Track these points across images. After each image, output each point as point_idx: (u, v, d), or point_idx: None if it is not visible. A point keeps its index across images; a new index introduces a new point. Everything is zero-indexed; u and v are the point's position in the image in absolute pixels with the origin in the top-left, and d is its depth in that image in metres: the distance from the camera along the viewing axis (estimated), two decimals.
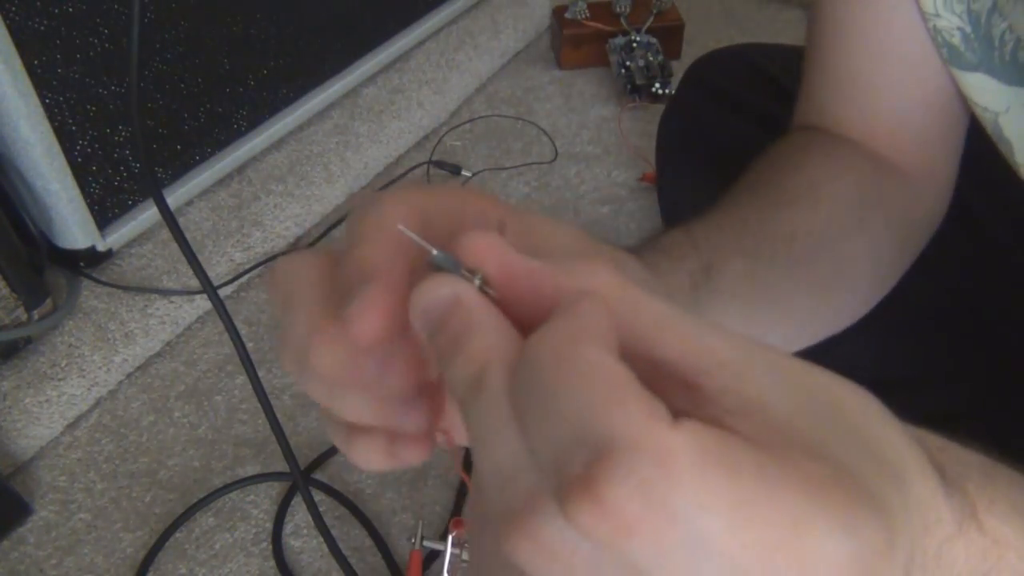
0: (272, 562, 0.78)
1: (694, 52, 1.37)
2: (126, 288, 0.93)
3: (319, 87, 1.13)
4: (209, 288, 0.58)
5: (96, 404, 0.90)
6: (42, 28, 0.80)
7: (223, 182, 1.06)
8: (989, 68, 0.48)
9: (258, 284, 1.02)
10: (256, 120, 1.07)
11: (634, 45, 1.30)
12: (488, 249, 0.21)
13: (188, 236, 0.57)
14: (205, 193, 1.04)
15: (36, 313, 0.85)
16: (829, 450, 0.19)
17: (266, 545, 0.79)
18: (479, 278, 0.21)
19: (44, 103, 0.81)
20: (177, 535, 0.80)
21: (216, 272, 0.98)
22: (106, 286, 0.93)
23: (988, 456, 0.24)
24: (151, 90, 0.93)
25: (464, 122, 1.25)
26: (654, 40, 1.30)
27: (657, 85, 1.26)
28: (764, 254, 0.43)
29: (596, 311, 0.20)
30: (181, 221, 0.98)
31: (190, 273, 0.95)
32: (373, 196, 0.25)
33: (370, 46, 1.19)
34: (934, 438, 0.23)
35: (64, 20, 0.81)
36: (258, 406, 0.66)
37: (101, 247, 0.93)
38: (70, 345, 0.87)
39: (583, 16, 1.32)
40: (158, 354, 0.95)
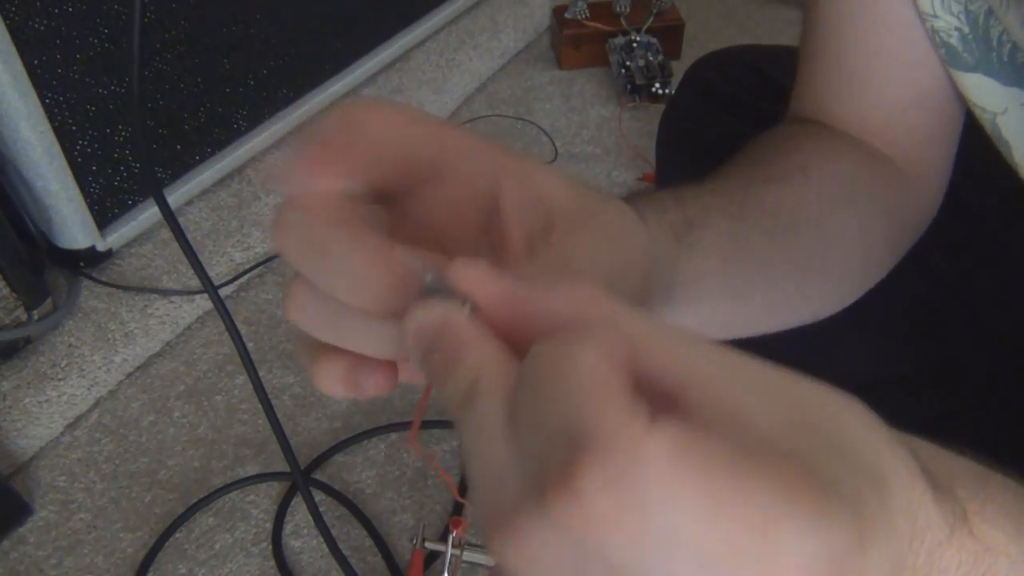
0: (272, 562, 0.78)
1: (694, 52, 1.37)
2: (126, 288, 0.93)
3: (319, 87, 1.13)
4: (209, 288, 0.58)
5: (96, 404, 0.90)
6: (42, 28, 0.80)
7: (223, 182, 1.06)
8: (987, 69, 0.48)
9: (258, 284, 1.02)
10: (256, 120, 1.07)
11: (634, 45, 1.30)
12: (476, 279, 0.22)
13: (188, 236, 0.57)
14: (205, 193, 1.04)
15: (36, 313, 0.85)
16: (805, 456, 0.19)
17: (266, 545, 0.79)
18: (468, 305, 0.22)
19: (44, 103, 0.81)
20: (177, 535, 0.80)
21: (216, 272, 0.98)
22: (106, 286, 0.93)
23: (981, 462, 0.24)
24: (151, 90, 0.93)
25: (464, 122, 1.25)
26: (654, 40, 1.30)
27: (657, 85, 1.26)
28: (749, 218, 0.43)
29: (607, 329, 0.20)
30: (181, 221, 0.98)
31: (190, 273, 0.95)
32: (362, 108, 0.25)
33: (370, 46, 1.19)
34: (926, 445, 0.23)
35: (64, 20, 0.81)
36: (258, 406, 0.66)
37: (101, 247, 0.93)
38: (70, 345, 0.87)
39: (583, 16, 1.32)
40: (158, 354, 0.95)
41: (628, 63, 1.28)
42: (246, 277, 1.01)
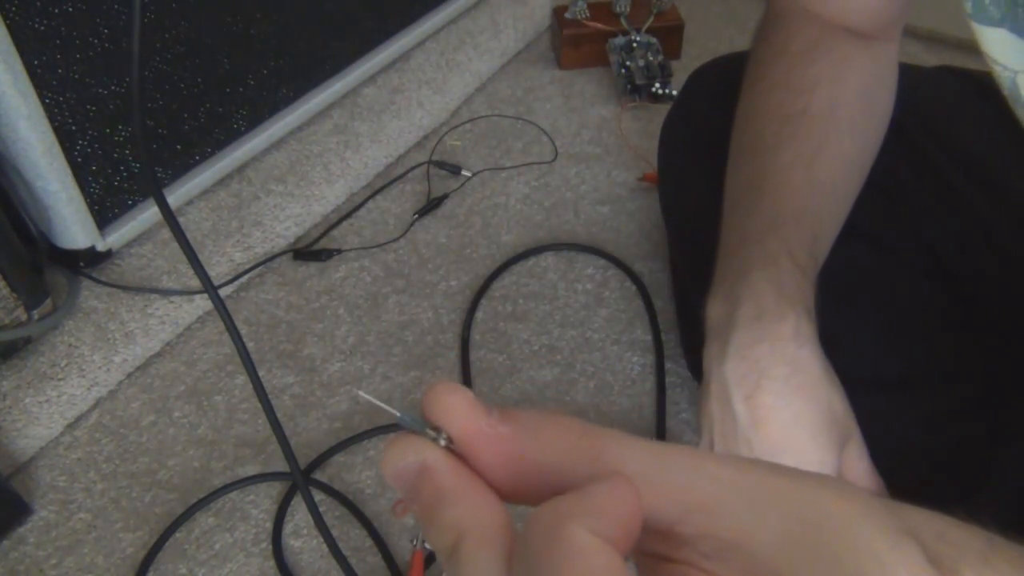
0: (272, 562, 0.78)
1: (694, 52, 1.37)
2: (126, 288, 0.93)
3: (319, 87, 1.13)
4: (210, 288, 0.58)
5: (96, 404, 0.90)
6: (42, 28, 0.80)
7: (223, 182, 1.06)
8: (1012, 25, 0.48)
9: (258, 284, 1.02)
10: (256, 120, 1.07)
11: (634, 45, 1.30)
12: (449, 410, 0.22)
13: (188, 236, 0.57)
14: (205, 193, 1.04)
15: (36, 313, 0.85)
16: None
17: (266, 545, 0.79)
18: (444, 437, 0.21)
19: (44, 103, 0.81)
20: (177, 535, 0.80)
21: (216, 272, 0.98)
22: (106, 286, 0.93)
23: (992, 534, 0.24)
24: (151, 90, 0.93)
25: (464, 122, 1.25)
26: (654, 40, 1.30)
27: (657, 85, 1.26)
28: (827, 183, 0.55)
29: (609, 495, 0.20)
30: (181, 221, 0.98)
31: (190, 273, 0.95)
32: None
33: (370, 46, 1.19)
34: (933, 523, 0.23)
35: (64, 20, 0.81)
36: (258, 406, 0.66)
37: (101, 247, 0.93)
38: (70, 345, 0.87)
39: (583, 16, 1.32)
40: (158, 354, 0.95)
41: (628, 63, 1.28)
42: (246, 277, 1.01)
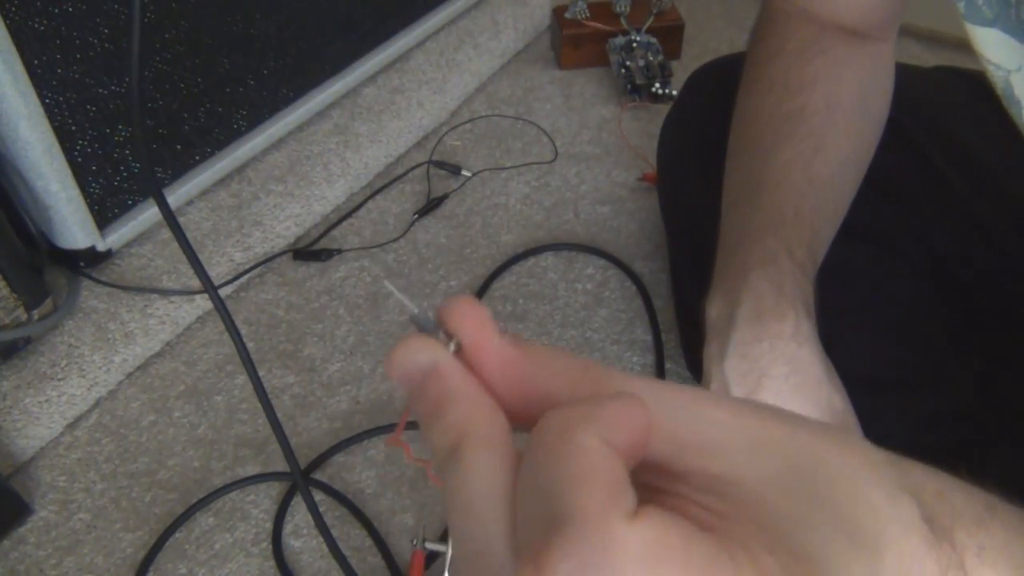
0: (272, 562, 0.78)
1: (694, 52, 1.37)
2: (126, 288, 0.93)
3: (319, 87, 1.14)
4: (210, 288, 0.58)
5: (96, 404, 0.90)
6: (42, 28, 0.80)
7: (223, 182, 1.06)
8: (1005, 25, 0.48)
9: (258, 284, 1.02)
10: (256, 120, 1.07)
11: (634, 45, 1.30)
12: (465, 319, 0.22)
13: (188, 236, 0.57)
14: (205, 193, 1.04)
15: (36, 313, 0.85)
16: (796, 528, 0.20)
17: (266, 545, 0.79)
18: (455, 343, 0.22)
19: (44, 103, 0.81)
20: (177, 535, 0.80)
21: (216, 272, 0.98)
22: (106, 286, 0.93)
23: (992, 497, 0.24)
24: (151, 90, 0.93)
25: (464, 122, 1.25)
26: (654, 40, 1.30)
27: (657, 85, 1.26)
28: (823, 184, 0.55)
29: (619, 408, 0.20)
30: (181, 221, 0.98)
31: (190, 273, 0.95)
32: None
33: (370, 46, 1.19)
34: (934, 482, 0.23)
35: (64, 20, 0.81)
36: (258, 406, 0.66)
37: (101, 247, 0.93)
38: (70, 345, 0.87)
39: (583, 16, 1.32)
40: (158, 354, 0.95)
41: (628, 63, 1.28)
42: (246, 277, 1.01)
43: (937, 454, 0.60)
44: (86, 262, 0.93)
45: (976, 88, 0.68)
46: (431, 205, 1.11)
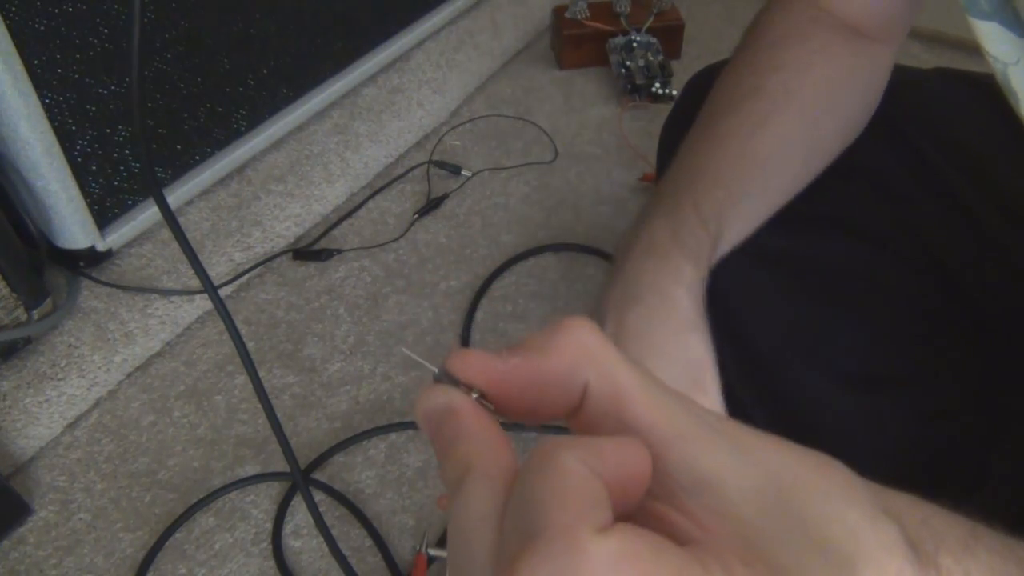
0: (272, 562, 0.78)
1: (694, 52, 1.38)
2: (126, 288, 0.93)
3: (319, 87, 1.14)
4: (210, 288, 0.58)
5: (96, 404, 0.90)
6: (42, 28, 0.80)
7: (223, 182, 1.06)
8: (1003, 19, 0.48)
9: (258, 284, 1.02)
10: (256, 120, 1.07)
11: (634, 45, 1.30)
12: (468, 367, 0.24)
13: (188, 236, 0.57)
14: (205, 193, 1.04)
15: (36, 313, 0.85)
16: (772, 543, 0.20)
17: (266, 545, 0.79)
18: (476, 393, 0.24)
19: (44, 103, 0.81)
20: (177, 535, 0.80)
21: (216, 272, 0.98)
22: (106, 286, 0.93)
23: (976, 523, 0.24)
24: (151, 90, 0.93)
25: (464, 122, 1.25)
26: (654, 40, 1.30)
27: (657, 85, 1.26)
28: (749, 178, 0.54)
29: (613, 445, 0.21)
30: (181, 221, 0.98)
31: (190, 273, 0.95)
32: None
33: (370, 46, 1.19)
34: (916, 509, 0.24)
35: (64, 20, 0.81)
36: (258, 406, 0.66)
37: (101, 247, 0.93)
38: (70, 345, 0.87)
39: (583, 16, 1.32)
40: (158, 354, 0.95)
41: (628, 63, 1.28)
42: (246, 277, 1.01)
43: (933, 452, 0.60)
44: (86, 262, 0.93)
45: (976, 89, 0.68)
46: (431, 205, 1.11)
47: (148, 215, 0.97)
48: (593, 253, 1.05)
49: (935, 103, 0.71)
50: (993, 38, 0.50)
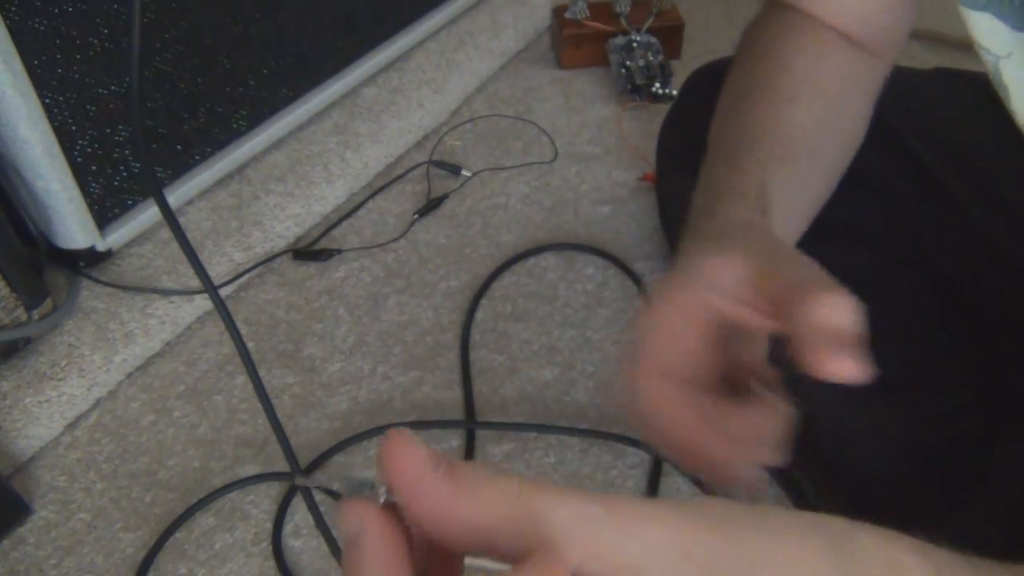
0: (272, 562, 0.78)
1: (694, 52, 1.37)
2: (126, 288, 0.93)
3: (319, 87, 1.14)
4: (210, 288, 0.58)
5: (96, 404, 0.90)
6: (42, 28, 0.80)
7: (223, 182, 1.06)
8: (997, 10, 0.48)
9: (258, 284, 1.02)
10: (256, 120, 1.07)
11: (634, 45, 1.30)
12: (398, 465, 0.23)
13: (188, 236, 0.57)
14: (205, 193, 1.04)
15: (36, 313, 0.85)
16: None
17: (266, 545, 0.79)
18: (384, 493, 0.24)
19: (44, 103, 0.81)
20: (177, 535, 0.80)
21: (216, 272, 0.98)
22: (106, 286, 0.93)
23: (973, 558, 0.25)
24: (151, 90, 0.93)
25: (464, 122, 1.25)
26: (654, 40, 1.30)
27: (657, 85, 1.26)
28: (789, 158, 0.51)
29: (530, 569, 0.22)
30: (181, 221, 0.98)
31: (190, 273, 0.95)
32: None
33: (370, 46, 1.19)
34: (909, 556, 0.24)
35: (64, 20, 0.81)
36: (258, 406, 0.66)
37: (101, 247, 0.93)
38: (70, 345, 0.88)
39: (583, 16, 1.32)
40: (158, 354, 0.95)
41: (628, 63, 1.28)
42: (246, 277, 1.01)
43: (933, 456, 0.60)
44: (86, 262, 0.93)
45: (976, 91, 0.67)
46: (431, 205, 1.11)
47: (148, 215, 0.97)
48: (593, 253, 1.05)
49: (935, 106, 0.71)
50: (985, 30, 0.50)
